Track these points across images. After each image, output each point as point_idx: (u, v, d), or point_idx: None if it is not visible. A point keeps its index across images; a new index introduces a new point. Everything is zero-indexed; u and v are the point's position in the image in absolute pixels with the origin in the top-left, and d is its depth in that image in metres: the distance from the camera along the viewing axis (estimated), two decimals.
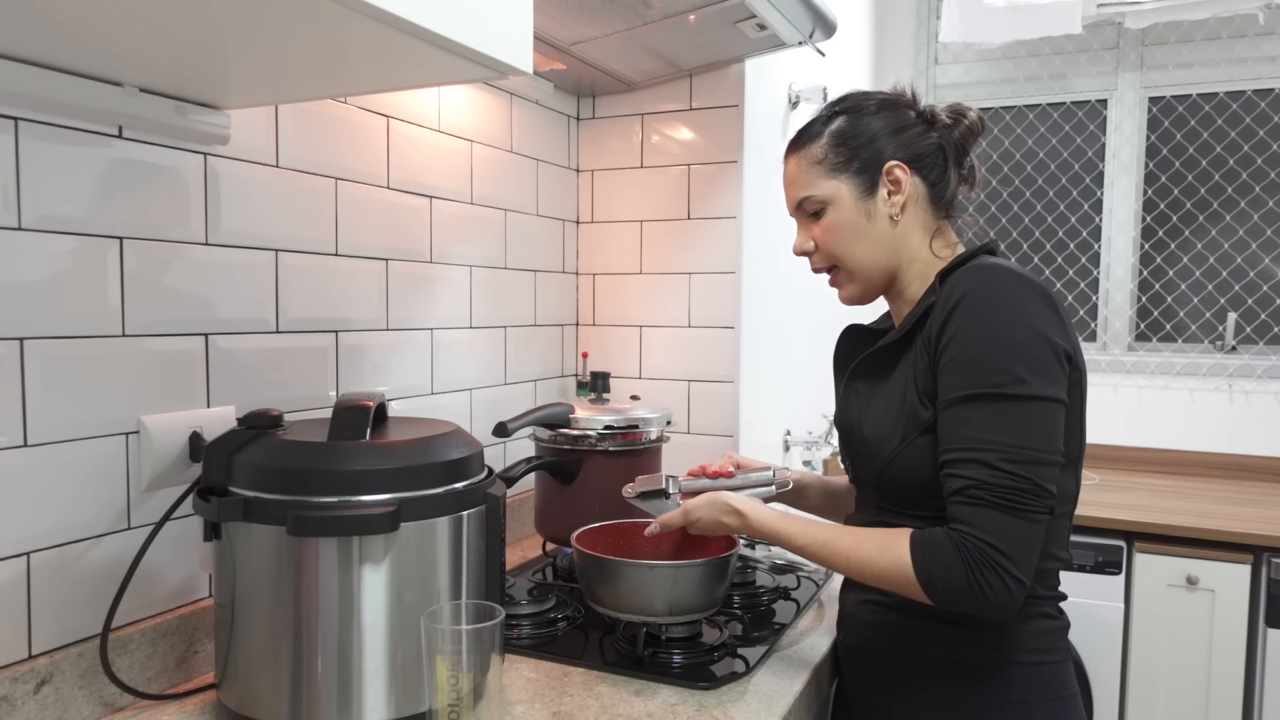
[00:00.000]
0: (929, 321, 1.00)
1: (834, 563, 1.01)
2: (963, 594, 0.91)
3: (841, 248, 1.09)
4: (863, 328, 1.24)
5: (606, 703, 0.99)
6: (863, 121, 1.09)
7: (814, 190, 1.09)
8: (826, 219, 1.09)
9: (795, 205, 1.13)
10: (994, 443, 0.91)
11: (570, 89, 1.82)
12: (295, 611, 0.88)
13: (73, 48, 0.80)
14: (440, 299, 1.49)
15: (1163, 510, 2.19)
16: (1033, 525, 0.91)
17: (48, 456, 0.91)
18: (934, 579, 0.92)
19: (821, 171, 1.09)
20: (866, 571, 0.98)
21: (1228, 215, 2.72)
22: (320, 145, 1.23)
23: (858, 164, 1.07)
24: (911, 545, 0.95)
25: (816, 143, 1.10)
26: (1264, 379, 2.64)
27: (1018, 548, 0.90)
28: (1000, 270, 0.96)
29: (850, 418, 1.11)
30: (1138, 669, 2.12)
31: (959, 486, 0.93)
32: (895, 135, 1.08)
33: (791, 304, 2.15)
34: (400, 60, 0.83)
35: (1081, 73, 2.85)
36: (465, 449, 0.97)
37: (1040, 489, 0.91)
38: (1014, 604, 0.91)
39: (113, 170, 0.97)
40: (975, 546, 0.90)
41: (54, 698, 0.91)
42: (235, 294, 1.11)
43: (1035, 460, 0.91)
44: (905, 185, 1.07)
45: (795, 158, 1.12)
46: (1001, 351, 0.93)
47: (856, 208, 1.08)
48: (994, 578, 0.90)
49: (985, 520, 0.91)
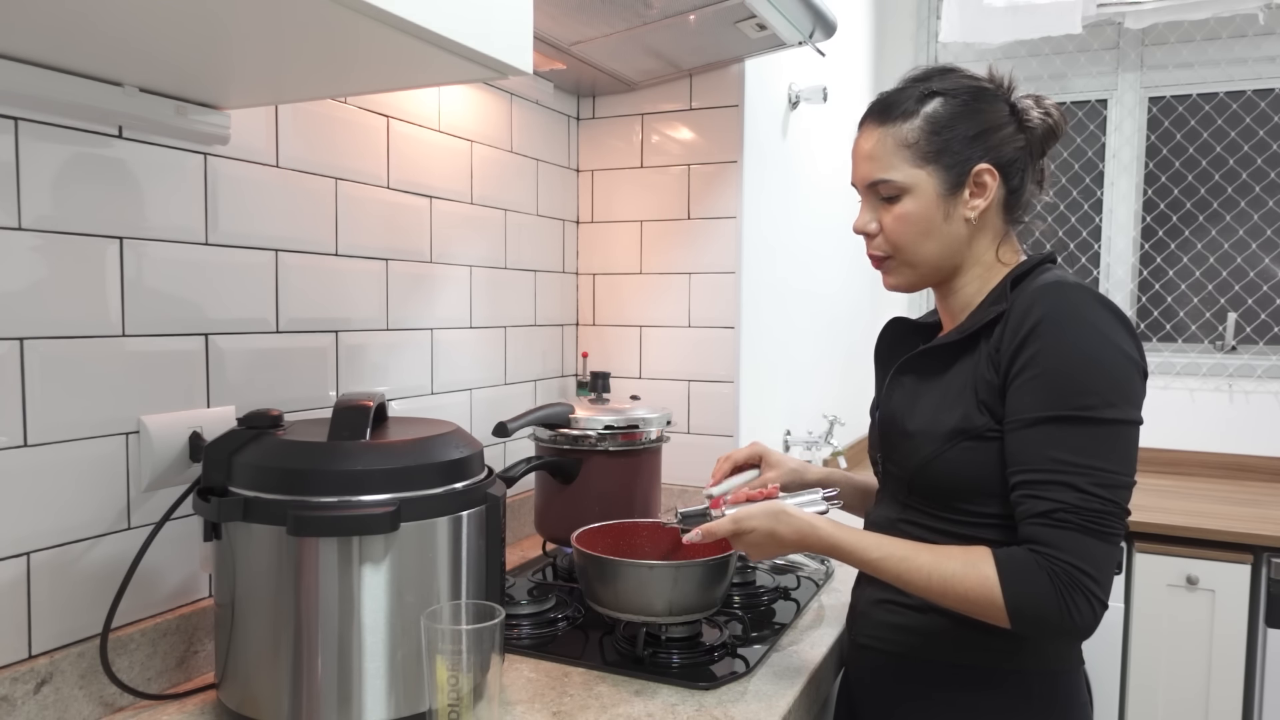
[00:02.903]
0: (998, 332, 0.98)
1: (911, 578, 0.96)
2: (1051, 620, 0.89)
3: (910, 240, 1.03)
4: (909, 322, 1.20)
5: (606, 703, 0.99)
6: (961, 111, 1.02)
7: (895, 175, 1.02)
8: (901, 208, 1.02)
9: (868, 183, 1.04)
10: (1081, 466, 0.90)
11: (570, 89, 1.82)
12: (295, 611, 0.88)
13: (73, 48, 0.80)
14: (440, 299, 1.49)
15: (1163, 510, 2.19)
16: (1114, 548, 0.91)
17: (48, 456, 0.91)
18: (1023, 605, 0.90)
19: (909, 157, 1.01)
20: (949, 590, 0.93)
21: (1228, 215, 2.72)
22: (320, 145, 1.23)
23: (948, 159, 1.01)
24: (999, 567, 0.91)
25: (909, 123, 1.02)
26: (1264, 379, 2.64)
27: (1103, 571, 0.90)
28: (1079, 290, 0.94)
29: (894, 411, 1.07)
30: (1138, 669, 2.12)
31: (1045, 509, 0.91)
32: (989, 135, 1.02)
33: (791, 304, 2.15)
34: (400, 60, 0.83)
35: (1081, 73, 2.85)
36: (465, 449, 0.97)
37: (1124, 511, 0.91)
38: (1095, 626, 0.91)
39: (113, 170, 0.96)
40: (1065, 572, 0.89)
41: (54, 698, 0.91)
42: (235, 294, 1.11)
43: (1119, 484, 0.91)
44: (990, 191, 1.02)
45: (880, 132, 1.03)
46: (1087, 374, 0.91)
47: (936, 204, 1.02)
48: (1083, 602, 0.89)
49: (1075, 544, 0.89)
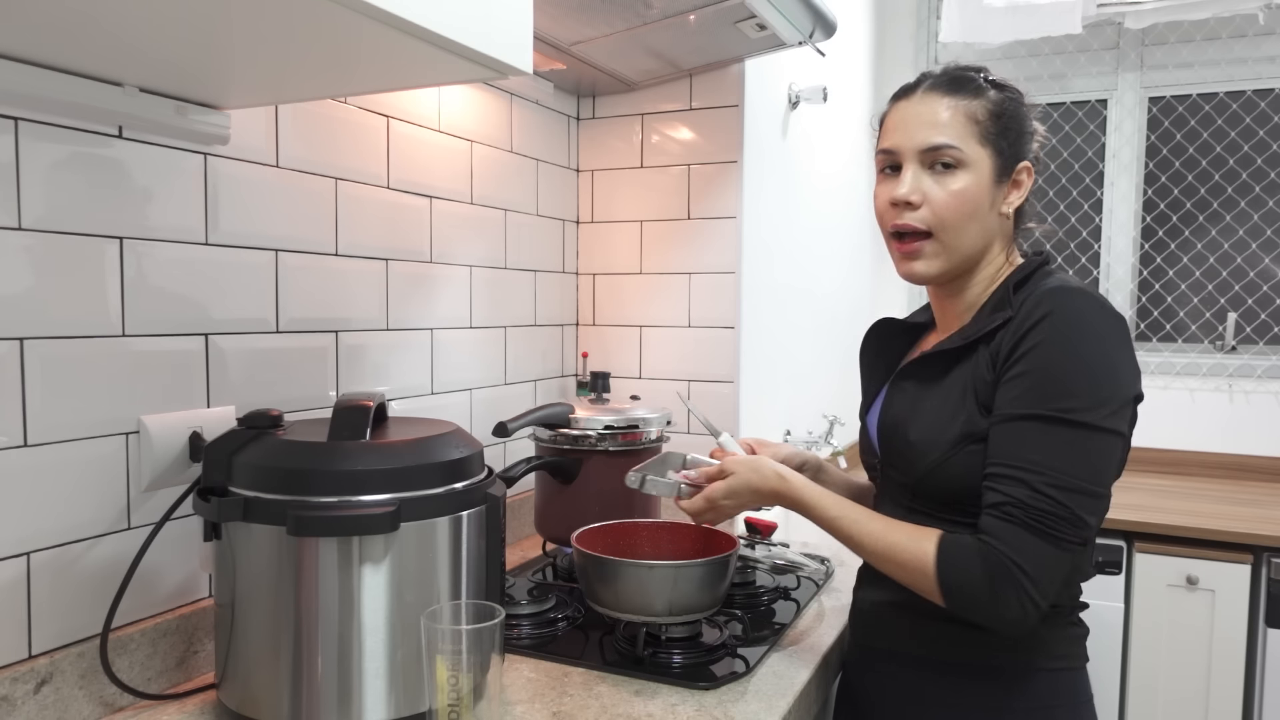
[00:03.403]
0: (1000, 335, 0.98)
1: (860, 540, 1.00)
2: (979, 604, 0.91)
3: (958, 218, 1.01)
4: (898, 322, 1.20)
5: (606, 703, 0.99)
6: (1015, 108, 1.03)
7: (963, 145, 1.00)
8: (958, 182, 1.00)
9: (928, 148, 1.01)
10: (1043, 465, 0.90)
11: (570, 89, 1.82)
12: (295, 611, 0.88)
13: (73, 48, 0.80)
14: (440, 299, 1.49)
15: (1163, 510, 2.19)
16: (1062, 553, 0.90)
17: (48, 456, 0.91)
18: (952, 582, 0.92)
19: (977, 132, 1.01)
20: (890, 556, 0.97)
21: (1228, 215, 2.72)
22: (320, 145, 1.23)
23: (1006, 146, 1.02)
24: (939, 544, 0.94)
25: (980, 99, 1.02)
26: (1264, 379, 2.64)
27: (1042, 572, 0.90)
28: (1085, 296, 0.95)
29: (895, 418, 1.07)
30: (1138, 669, 2.12)
31: (996, 501, 0.92)
32: (1029, 137, 1.05)
33: (791, 304, 2.15)
34: (400, 60, 0.83)
35: (1081, 73, 2.85)
36: (465, 449, 0.97)
37: (1078, 519, 0.90)
38: (1027, 625, 0.91)
39: (113, 170, 0.96)
40: (999, 563, 0.90)
41: (54, 698, 0.91)
42: (235, 294, 1.11)
43: (1079, 490, 0.90)
44: (1024, 190, 1.05)
45: (950, 100, 1.02)
46: (1075, 378, 0.91)
47: (988, 187, 1.02)
48: (1013, 596, 0.89)
49: (1015, 539, 0.90)
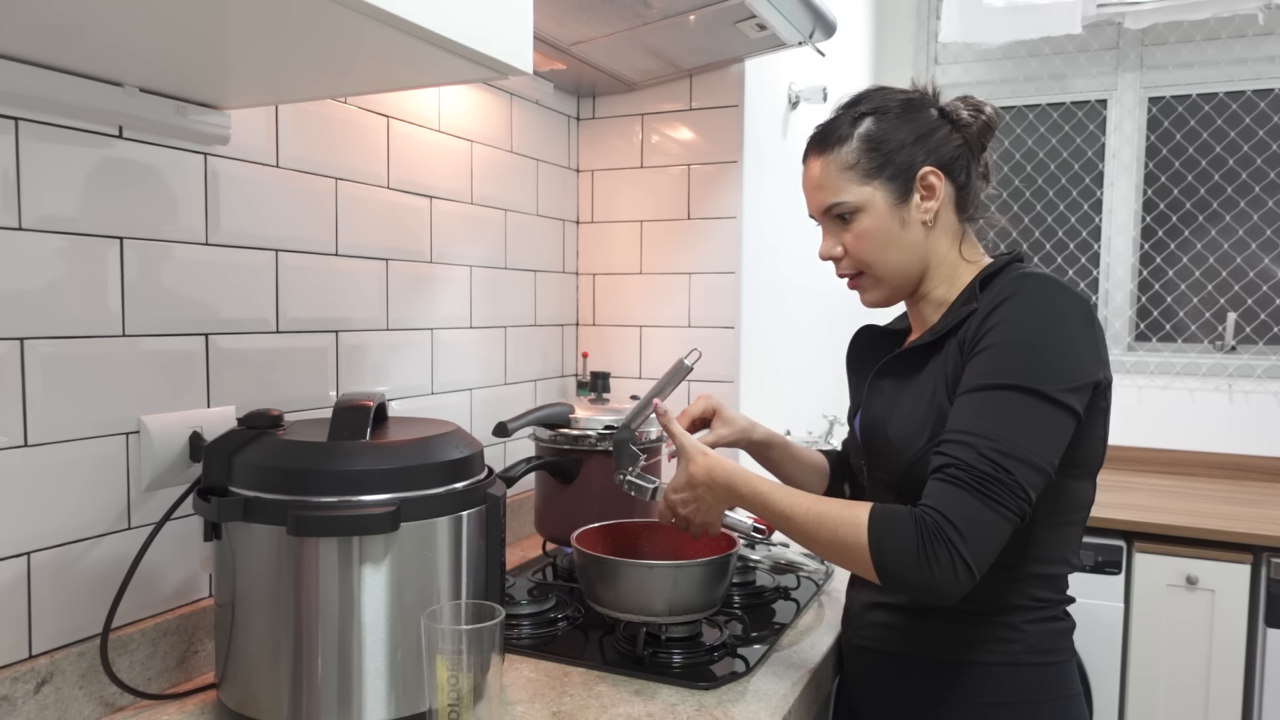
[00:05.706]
0: (966, 325, 0.99)
1: (792, 515, 0.98)
2: (908, 565, 0.89)
3: (874, 255, 1.07)
4: (878, 328, 1.22)
5: (606, 703, 0.99)
6: (893, 125, 1.06)
7: (845, 196, 1.06)
8: (859, 226, 1.06)
9: (822, 210, 1.09)
10: (990, 431, 0.91)
11: (570, 89, 1.82)
12: (295, 611, 0.88)
13: (73, 48, 0.80)
14: (440, 299, 1.49)
15: (1162, 510, 2.19)
16: (997, 518, 0.89)
17: (48, 456, 0.91)
18: (884, 547, 0.90)
19: (853, 177, 1.06)
20: (823, 527, 0.95)
21: (1228, 215, 2.72)
22: (320, 145, 1.23)
23: (891, 170, 1.05)
24: (872, 514, 0.93)
25: (845, 146, 1.06)
26: (1264, 379, 2.64)
27: (976, 533, 0.88)
28: (1048, 281, 0.96)
29: (875, 417, 1.09)
30: (1138, 669, 2.12)
31: (939, 464, 0.92)
32: (926, 139, 1.06)
33: (791, 304, 2.15)
34: (401, 60, 0.83)
35: (1081, 73, 2.85)
36: (465, 449, 0.97)
37: (1018, 486, 0.89)
38: (957, 590, 0.89)
39: (113, 170, 0.97)
40: (933, 520, 0.89)
41: (54, 697, 0.91)
42: (235, 294, 1.11)
43: (1023, 459, 0.90)
44: (939, 191, 1.06)
45: (822, 161, 1.08)
46: (1032, 353, 0.93)
47: (890, 215, 1.06)
48: (944, 555, 0.88)
49: (951, 499, 0.89)
